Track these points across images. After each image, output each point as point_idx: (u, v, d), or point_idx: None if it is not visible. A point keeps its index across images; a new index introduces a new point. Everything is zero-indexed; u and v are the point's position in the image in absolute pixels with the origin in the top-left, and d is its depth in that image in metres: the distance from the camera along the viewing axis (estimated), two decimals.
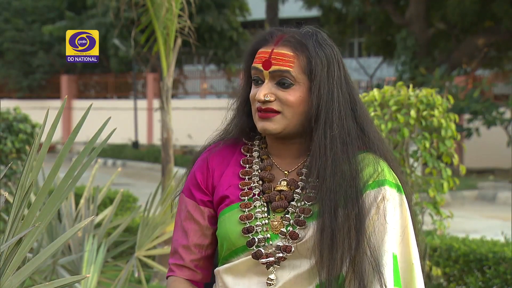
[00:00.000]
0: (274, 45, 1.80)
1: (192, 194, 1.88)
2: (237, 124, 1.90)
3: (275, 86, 1.79)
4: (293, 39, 1.80)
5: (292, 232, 1.77)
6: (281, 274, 1.78)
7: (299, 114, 1.78)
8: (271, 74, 1.79)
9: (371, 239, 1.74)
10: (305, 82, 1.78)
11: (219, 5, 21.06)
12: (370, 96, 5.08)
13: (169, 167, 6.30)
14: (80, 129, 1.88)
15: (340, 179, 1.74)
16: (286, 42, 1.80)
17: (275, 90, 1.78)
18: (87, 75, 26.44)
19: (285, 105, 1.78)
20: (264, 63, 1.79)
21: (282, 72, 1.78)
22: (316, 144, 1.77)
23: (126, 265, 3.57)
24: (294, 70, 1.78)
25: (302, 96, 1.78)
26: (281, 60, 1.78)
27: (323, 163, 1.75)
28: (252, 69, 1.83)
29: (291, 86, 1.78)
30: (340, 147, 1.77)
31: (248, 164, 1.87)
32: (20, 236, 1.72)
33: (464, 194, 13.06)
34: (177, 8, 6.00)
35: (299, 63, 1.78)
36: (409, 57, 16.75)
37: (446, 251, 5.62)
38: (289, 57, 1.78)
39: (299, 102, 1.78)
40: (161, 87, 6.35)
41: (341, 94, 1.80)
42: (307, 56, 1.78)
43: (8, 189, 5.78)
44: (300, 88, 1.78)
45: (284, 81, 1.78)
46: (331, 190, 1.74)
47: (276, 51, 1.79)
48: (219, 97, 24.18)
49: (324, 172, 1.75)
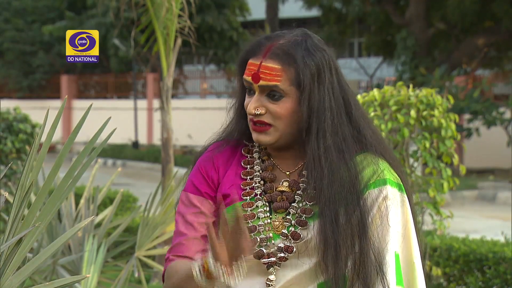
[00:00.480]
0: (262, 57, 1.79)
1: (198, 189, 1.86)
2: (236, 125, 1.90)
3: (265, 98, 1.79)
4: (280, 51, 1.78)
5: (294, 232, 1.77)
6: (282, 274, 1.78)
7: (290, 125, 1.79)
8: (260, 87, 1.79)
9: (373, 238, 1.74)
10: (294, 93, 1.78)
11: (219, 5, 21.06)
12: (370, 96, 5.08)
13: (169, 167, 6.30)
14: (80, 129, 1.88)
15: (338, 187, 1.75)
16: (273, 55, 1.78)
17: (265, 103, 1.79)
18: (87, 75, 26.44)
19: (276, 117, 1.78)
20: (253, 76, 1.79)
21: (270, 87, 1.78)
22: (310, 156, 1.77)
23: (126, 265, 3.57)
24: (282, 84, 1.77)
25: (293, 107, 1.78)
26: (269, 74, 1.77)
27: (319, 174, 1.75)
28: (243, 80, 1.83)
29: (281, 99, 1.78)
30: (336, 155, 1.76)
31: (249, 165, 1.87)
32: (20, 236, 1.72)
33: (464, 194, 13.06)
34: (177, 8, 6.00)
35: (287, 76, 1.77)
36: (409, 57, 16.75)
37: (446, 251, 5.62)
38: (277, 70, 1.77)
39: (290, 113, 1.78)
40: (161, 87, 6.35)
41: (333, 100, 1.79)
42: (295, 68, 1.77)
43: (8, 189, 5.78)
44: (290, 100, 1.78)
45: (274, 94, 1.78)
46: (330, 200, 1.74)
47: (264, 65, 1.78)
48: (219, 97, 24.18)
49: (321, 183, 1.75)
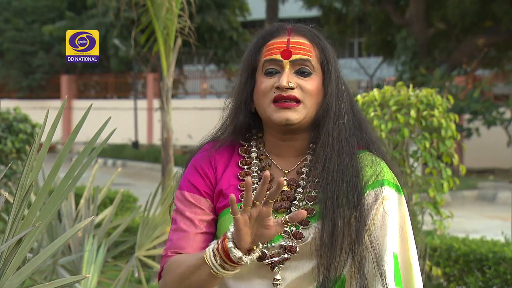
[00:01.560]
0: (288, 35, 1.81)
1: (196, 188, 1.84)
2: (232, 124, 1.87)
3: (294, 75, 1.79)
4: (306, 31, 1.83)
5: (296, 232, 1.76)
6: (285, 275, 1.77)
7: (315, 104, 1.80)
8: (292, 63, 1.79)
9: (372, 238, 1.74)
10: (320, 72, 1.81)
11: (219, 5, 21.06)
12: (370, 96, 5.08)
13: (169, 167, 6.30)
14: (80, 129, 1.87)
15: (343, 168, 1.76)
16: (300, 33, 1.82)
17: (296, 79, 1.78)
18: (87, 75, 26.45)
19: (306, 93, 1.78)
20: (283, 53, 1.79)
21: (304, 60, 1.79)
22: (325, 133, 1.77)
23: (126, 265, 3.57)
24: (313, 59, 1.80)
25: (319, 86, 1.80)
26: (301, 49, 1.79)
27: (330, 152, 1.76)
28: (265, 62, 1.81)
29: (310, 75, 1.79)
30: (345, 138, 1.78)
31: (247, 165, 1.85)
32: (20, 236, 1.72)
33: (464, 194, 13.06)
34: (177, 8, 6.00)
35: (315, 53, 1.81)
36: (409, 57, 16.75)
37: (446, 251, 5.62)
38: (307, 46, 1.80)
39: (317, 91, 1.80)
40: (161, 87, 6.35)
41: (344, 88, 1.84)
42: (321, 47, 1.81)
43: (8, 189, 5.78)
44: (317, 78, 1.80)
45: (304, 70, 1.79)
46: (334, 178, 1.74)
47: (293, 40, 1.80)
48: (219, 97, 24.17)
49: (330, 161, 1.76)
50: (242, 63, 1.88)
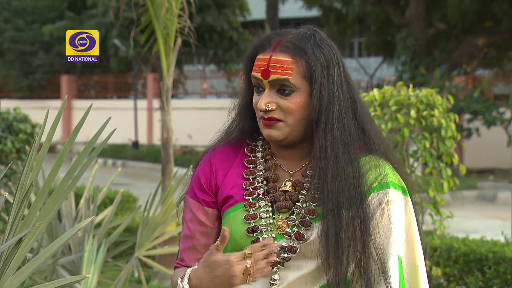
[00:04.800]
0: (272, 51, 1.79)
1: (196, 195, 1.87)
2: (239, 125, 1.89)
3: (275, 94, 1.78)
4: (290, 44, 1.78)
5: (298, 232, 1.76)
6: (285, 275, 1.77)
7: (301, 120, 1.77)
8: (271, 83, 1.78)
9: (376, 241, 1.74)
10: (305, 87, 1.77)
11: (219, 5, 21.05)
12: (370, 96, 5.08)
13: (169, 167, 6.30)
14: (80, 129, 1.87)
15: (342, 180, 1.74)
16: (283, 48, 1.78)
17: (276, 98, 1.77)
18: (87, 75, 26.43)
19: (287, 113, 1.77)
20: (263, 72, 1.78)
21: (281, 80, 1.77)
22: (316, 147, 1.76)
23: (126, 265, 3.57)
24: (293, 77, 1.76)
25: (303, 102, 1.77)
26: (280, 68, 1.76)
27: (324, 165, 1.74)
28: (251, 77, 1.82)
29: (291, 93, 1.77)
30: (342, 148, 1.76)
31: (252, 164, 1.86)
32: (20, 236, 1.72)
33: (464, 194, 13.05)
34: (177, 8, 6.00)
35: (298, 69, 1.77)
36: (409, 57, 16.75)
37: (446, 251, 5.61)
38: (288, 63, 1.76)
39: (301, 108, 1.77)
40: (161, 87, 6.35)
41: (341, 94, 1.78)
42: (306, 60, 1.77)
43: (8, 189, 5.78)
44: (301, 94, 1.77)
45: (284, 89, 1.77)
46: (333, 193, 1.73)
47: (274, 58, 1.77)
48: (219, 97, 24.17)
49: (326, 175, 1.74)
50: (243, 68, 1.89)
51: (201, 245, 1.86)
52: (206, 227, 1.86)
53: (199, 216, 1.86)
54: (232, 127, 1.91)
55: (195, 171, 1.91)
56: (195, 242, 1.86)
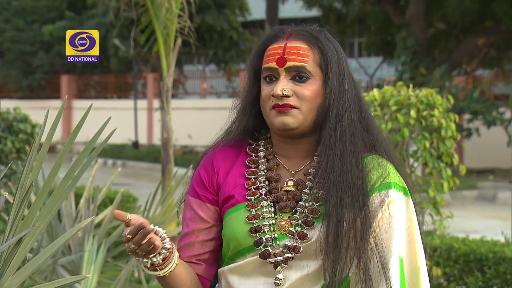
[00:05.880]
0: (286, 39, 1.81)
1: (197, 192, 1.87)
2: (241, 125, 1.89)
3: (291, 81, 1.79)
4: (305, 33, 1.82)
5: (301, 232, 1.76)
6: (288, 274, 1.77)
7: (314, 108, 1.79)
8: (287, 70, 1.79)
9: (377, 241, 1.74)
10: (319, 75, 1.80)
11: (219, 5, 21.04)
12: (370, 96, 5.08)
13: (169, 167, 6.30)
14: (80, 129, 1.88)
15: (347, 170, 1.75)
16: (299, 36, 1.81)
17: (291, 85, 1.79)
18: (87, 75, 26.43)
19: (302, 99, 1.78)
20: (278, 61, 1.79)
21: (298, 67, 1.78)
22: (327, 134, 1.77)
23: (126, 265, 3.57)
24: (309, 64, 1.79)
25: (317, 90, 1.79)
26: (296, 54, 1.79)
27: (332, 153, 1.76)
28: (264, 70, 1.82)
29: (307, 80, 1.79)
30: (349, 139, 1.77)
31: (254, 164, 1.86)
32: (20, 236, 1.72)
33: (464, 194, 13.05)
34: (177, 8, 6.00)
35: (313, 56, 1.79)
36: (409, 57, 16.74)
37: (446, 251, 5.61)
38: (304, 50, 1.79)
39: (315, 95, 1.79)
40: (161, 87, 6.35)
41: (349, 87, 1.81)
42: (320, 49, 1.80)
43: (8, 189, 5.78)
44: (315, 82, 1.79)
45: (302, 75, 1.79)
46: (338, 180, 1.74)
47: (289, 45, 1.80)
48: (219, 97, 24.17)
49: (333, 162, 1.75)
50: (247, 66, 1.89)
51: (198, 241, 1.86)
52: (206, 224, 1.86)
53: (200, 213, 1.86)
54: (233, 126, 1.91)
55: (195, 171, 1.91)
56: (194, 238, 1.86)
